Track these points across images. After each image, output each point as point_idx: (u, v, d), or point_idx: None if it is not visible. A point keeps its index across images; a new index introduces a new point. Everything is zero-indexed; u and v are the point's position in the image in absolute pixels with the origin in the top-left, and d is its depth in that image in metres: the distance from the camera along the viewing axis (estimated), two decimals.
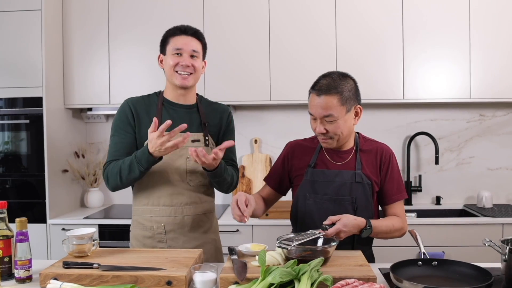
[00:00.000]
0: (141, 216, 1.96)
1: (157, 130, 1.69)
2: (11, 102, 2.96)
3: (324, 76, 1.77)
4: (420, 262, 1.56)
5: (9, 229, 1.58)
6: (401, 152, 3.42)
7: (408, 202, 3.35)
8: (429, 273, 1.52)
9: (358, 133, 1.93)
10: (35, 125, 2.94)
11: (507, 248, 1.43)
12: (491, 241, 1.52)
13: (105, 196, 3.46)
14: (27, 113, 2.95)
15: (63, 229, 2.93)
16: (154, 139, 1.69)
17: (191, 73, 1.91)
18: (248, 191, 3.41)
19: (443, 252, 2.75)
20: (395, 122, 3.43)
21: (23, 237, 1.54)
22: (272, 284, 1.32)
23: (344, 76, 1.77)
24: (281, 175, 1.96)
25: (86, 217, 3.02)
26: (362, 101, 1.85)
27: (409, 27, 3.05)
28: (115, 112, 3.20)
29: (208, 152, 1.82)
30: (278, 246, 1.58)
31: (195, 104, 2.02)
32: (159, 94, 2.01)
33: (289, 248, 1.54)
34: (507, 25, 3.01)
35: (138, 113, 1.94)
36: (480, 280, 1.39)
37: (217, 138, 2.07)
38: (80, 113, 3.47)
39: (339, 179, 1.81)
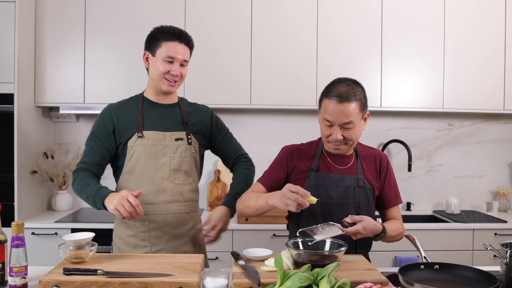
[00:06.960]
0: None
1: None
2: None
3: (339, 82, 1.76)
4: (422, 266, 1.60)
5: (2, 233, 1.48)
6: None
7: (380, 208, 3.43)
8: (433, 277, 1.56)
9: None
10: (5, 123, 2.77)
11: (508, 252, 1.50)
12: (490, 245, 1.59)
13: (73, 199, 3.30)
14: None
15: (33, 233, 2.77)
16: (123, 199, 1.64)
17: (177, 80, 1.93)
18: (223, 195, 3.37)
19: (418, 256, 2.84)
20: (369, 130, 3.50)
21: (20, 242, 1.45)
22: None
23: (357, 83, 1.78)
24: (278, 177, 1.92)
25: (57, 221, 2.87)
26: None
27: (388, 38, 3.14)
28: (88, 112, 3.15)
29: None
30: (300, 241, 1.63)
31: (177, 103, 2.04)
32: (139, 96, 2.01)
33: (312, 242, 1.57)
34: (479, 40, 3.17)
35: (119, 118, 1.92)
36: (485, 284, 1.44)
37: (209, 142, 2.10)
38: (50, 112, 3.30)
39: (343, 184, 1.83)
